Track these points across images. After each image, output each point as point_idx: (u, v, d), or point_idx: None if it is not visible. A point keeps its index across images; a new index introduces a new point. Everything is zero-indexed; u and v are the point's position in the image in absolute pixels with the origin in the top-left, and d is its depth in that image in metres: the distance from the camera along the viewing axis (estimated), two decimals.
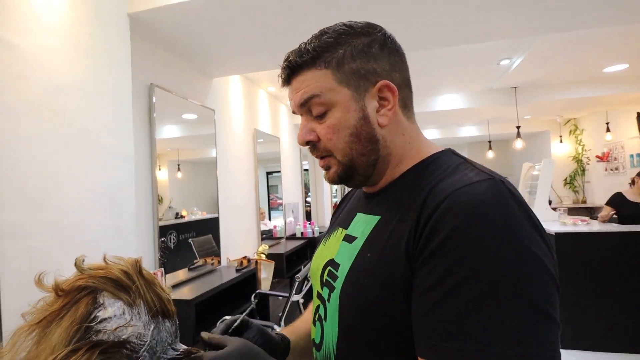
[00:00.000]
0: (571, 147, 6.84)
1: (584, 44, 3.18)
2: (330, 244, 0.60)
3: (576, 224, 3.22)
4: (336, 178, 0.56)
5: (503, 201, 0.42)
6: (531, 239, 0.40)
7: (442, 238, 0.41)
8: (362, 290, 0.48)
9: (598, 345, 2.87)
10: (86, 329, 0.45)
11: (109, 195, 1.51)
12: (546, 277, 0.39)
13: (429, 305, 0.41)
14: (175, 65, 2.42)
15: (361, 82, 0.52)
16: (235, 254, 2.97)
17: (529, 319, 0.37)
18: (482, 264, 0.38)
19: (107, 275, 0.48)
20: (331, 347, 0.53)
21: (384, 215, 0.52)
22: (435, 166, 0.52)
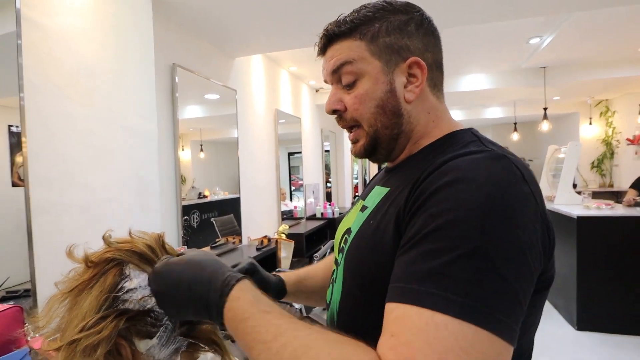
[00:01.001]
0: (601, 129, 6.56)
1: (618, 21, 3.00)
2: (350, 215, 0.63)
3: (600, 208, 3.15)
4: (362, 151, 0.58)
5: (494, 168, 0.42)
6: (519, 206, 0.40)
7: (425, 196, 0.43)
8: (360, 253, 0.52)
9: (618, 328, 2.85)
10: (114, 298, 0.49)
11: (134, 174, 1.57)
12: (522, 248, 0.39)
13: (401, 256, 0.42)
14: (197, 45, 2.45)
15: (392, 57, 0.53)
16: (256, 233, 3.06)
17: (496, 285, 0.37)
18: (451, 218, 0.39)
19: (132, 248, 0.51)
20: (335, 306, 0.56)
21: (392, 187, 0.54)
22: (449, 144, 0.52)
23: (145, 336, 0.50)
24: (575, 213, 2.97)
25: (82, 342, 0.46)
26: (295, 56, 3.57)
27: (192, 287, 0.46)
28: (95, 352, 0.46)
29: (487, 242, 0.38)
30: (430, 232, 0.40)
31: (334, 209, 4.39)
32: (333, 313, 0.57)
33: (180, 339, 0.53)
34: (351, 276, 0.53)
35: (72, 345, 0.46)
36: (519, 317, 0.38)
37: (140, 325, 0.49)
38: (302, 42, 2.66)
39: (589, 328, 2.92)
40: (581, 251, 2.92)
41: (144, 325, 0.50)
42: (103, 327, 0.46)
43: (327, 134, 5.42)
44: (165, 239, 0.56)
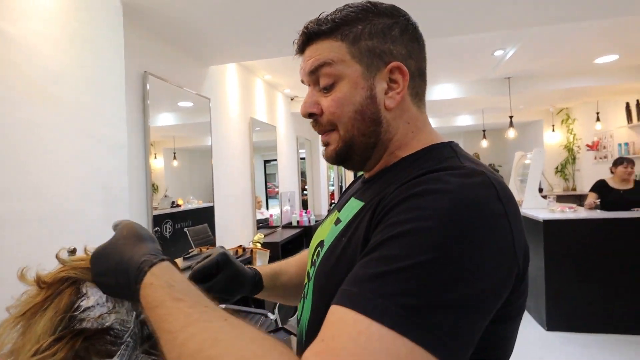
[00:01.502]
0: (563, 136, 6.93)
1: (575, 35, 3.21)
2: (325, 226, 0.60)
3: (564, 211, 3.31)
4: (334, 155, 0.54)
5: (468, 190, 0.39)
6: (488, 226, 0.37)
7: (389, 208, 0.41)
8: (328, 272, 0.48)
9: (582, 327, 2.98)
10: (70, 318, 0.47)
11: (102, 185, 1.52)
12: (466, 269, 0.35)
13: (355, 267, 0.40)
14: (170, 54, 2.41)
15: (374, 61, 0.50)
16: (230, 243, 3.01)
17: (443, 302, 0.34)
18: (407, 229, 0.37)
19: (88, 265, 0.50)
20: (305, 324, 0.53)
21: (367, 201, 0.51)
22: (425, 158, 0.50)
23: (105, 356, 0.48)
24: (542, 216, 3.11)
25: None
26: (270, 65, 3.58)
27: (117, 276, 0.45)
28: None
29: (443, 255, 0.35)
30: (386, 240, 0.38)
31: (310, 217, 4.39)
32: (302, 331, 0.53)
33: (143, 356, 0.51)
34: (319, 295, 0.49)
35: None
36: (468, 344, 0.35)
37: (99, 344, 0.47)
38: (276, 51, 2.67)
39: (558, 328, 3.04)
40: (548, 253, 3.06)
41: (103, 344, 0.48)
42: (57, 349, 0.44)
43: (303, 142, 5.44)
44: None
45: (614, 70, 4.28)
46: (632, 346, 2.72)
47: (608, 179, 3.55)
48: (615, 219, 2.99)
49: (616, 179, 3.47)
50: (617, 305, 2.92)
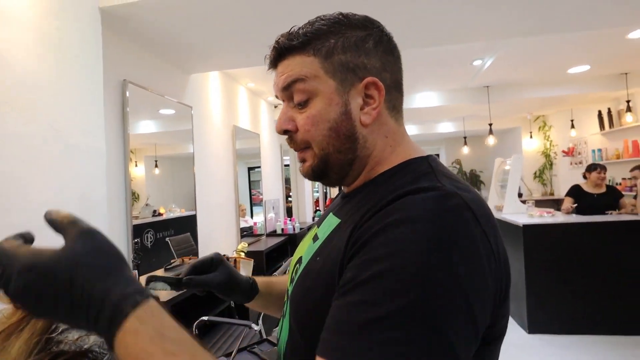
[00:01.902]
0: (540, 142, 7.15)
1: (549, 47, 3.34)
2: (305, 241, 0.59)
3: (542, 216, 3.40)
4: (310, 172, 0.53)
5: (441, 212, 0.38)
6: (463, 257, 0.36)
7: (365, 239, 0.40)
8: (304, 292, 0.48)
9: (562, 329, 3.05)
10: (47, 340, 0.44)
11: (79, 196, 1.48)
12: (452, 303, 0.34)
13: (334, 305, 0.39)
14: (150, 61, 2.38)
15: (348, 76, 0.49)
16: (213, 252, 2.96)
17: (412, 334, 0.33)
18: (382, 268, 0.36)
19: None
20: (283, 346, 0.52)
21: (343, 219, 0.50)
22: (401, 174, 0.49)
23: None
24: (521, 221, 3.18)
25: None
26: (252, 73, 3.58)
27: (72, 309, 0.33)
28: None
29: (424, 296, 0.34)
30: (364, 281, 0.36)
31: (294, 225, 4.37)
32: (281, 351, 0.52)
33: None
34: (294, 316, 0.48)
35: None
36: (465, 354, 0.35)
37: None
38: (258, 60, 2.68)
39: (540, 331, 3.10)
40: (528, 257, 3.13)
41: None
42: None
43: (287, 149, 5.43)
44: None
45: (586, 79, 4.46)
46: (611, 346, 2.79)
47: (582, 184, 3.69)
48: (591, 223, 3.08)
49: (590, 183, 3.61)
50: (596, 306, 3.01)
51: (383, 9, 1.96)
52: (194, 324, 1.93)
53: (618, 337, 2.91)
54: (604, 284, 3.00)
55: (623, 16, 2.25)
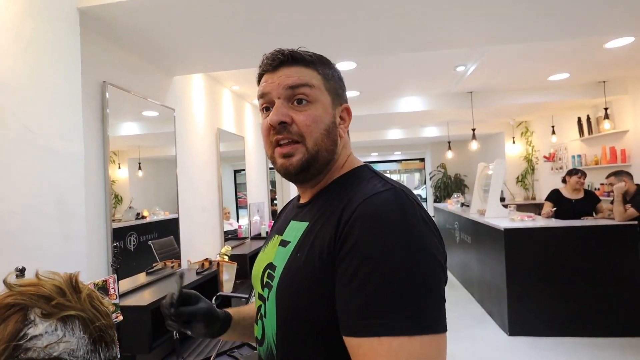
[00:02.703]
0: (522, 147, 7.30)
1: (530, 55, 3.42)
2: (269, 250, 0.67)
3: (523, 220, 3.47)
4: (299, 165, 0.60)
5: (400, 206, 0.52)
6: (422, 234, 0.50)
7: (353, 241, 0.50)
8: (293, 286, 0.55)
9: (543, 331, 3.11)
10: (15, 347, 0.44)
11: (56, 200, 1.44)
12: (434, 265, 0.49)
13: (346, 294, 0.49)
14: (131, 63, 2.34)
15: (336, 99, 0.64)
16: (197, 255, 2.93)
17: (423, 297, 0.47)
18: (382, 260, 0.48)
19: (38, 292, 0.47)
20: (272, 340, 0.59)
21: (311, 221, 0.60)
22: (352, 179, 0.62)
23: None
24: (502, 225, 3.23)
25: None
26: (237, 75, 3.56)
27: None
28: None
29: (414, 272, 0.47)
30: (369, 273, 0.47)
31: None
32: (270, 346, 0.59)
33: None
34: (286, 308, 0.56)
35: None
36: (444, 310, 0.49)
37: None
38: (241, 62, 2.66)
39: (520, 333, 3.15)
40: (509, 260, 3.18)
41: None
42: None
43: None
44: (79, 278, 0.52)
45: (566, 87, 4.58)
46: (590, 348, 2.86)
47: (561, 189, 3.78)
48: (571, 227, 3.16)
49: (569, 188, 3.71)
50: (575, 309, 3.07)
51: (368, 14, 1.98)
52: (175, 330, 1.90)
53: (597, 339, 2.98)
54: (583, 287, 3.07)
55: (601, 26, 2.32)
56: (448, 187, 8.77)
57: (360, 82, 4.01)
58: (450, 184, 8.86)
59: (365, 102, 4.92)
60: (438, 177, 9.13)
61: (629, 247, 3.03)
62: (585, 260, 3.09)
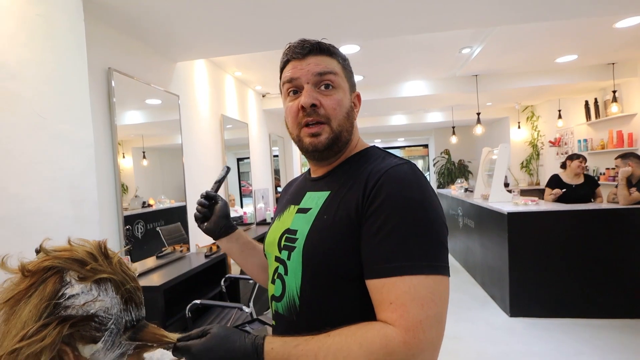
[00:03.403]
0: (528, 132, 7.24)
1: (537, 36, 3.36)
2: (284, 219, 0.76)
3: (527, 204, 3.48)
4: (324, 142, 0.69)
5: (416, 176, 0.63)
6: (434, 198, 0.62)
7: (380, 201, 0.60)
8: (321, 243, 0.65)
9: (543, 312, 3.16)
10: (55, 305, 0.49)
11: (68, 184, 1.48)
12: (442, 221, 0.61)
13: (373, 244, 0.59)
14: (135, 49, 2.35)
15: (351, 85, 0.74)
16: (204, 241, 2.98)
17: (435, 246, 0.58)
18: (405, 215, 0.58)
19: (72, 256, 0.52)
20: (295, 294, 0.67)
21: (333, 190, 0.70)
22: (367, 157, 0.72)
23: (89, 341, 0.50)
24: (506, 209, 3.25)
25: (23, 350, 0.45)
26: (240, 61, 3.55)
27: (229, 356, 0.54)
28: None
29: (428, 225, 0.59)
30: (394, 226, 0.58)
31: None
32: (293, 300, 0.68)
33: (126, 343, 0.53)
34: (314, 262, 0.65)
35: (12, 354, 0.45)
36: (447, 259, 0.60)
37: (84, 330, 0.50)
38: (244, 48, 2.66)
39: (521, 314, 3.20)
40: (512, 244, 3.21)
41: (88, 331, 0.50)
42: (46, 335, 0.46)
43: (275, 139, 5.42)
44: (107, 245, 0.57)
45: (574, 69, 4.51)
46: (589, 328, 2.90)
47: (561, 174, 3.80)
48: (573, 211, 3.17)
49: (570, 172, 3.71)
50: (576, 291, 3.11)
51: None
52: (187, 308, 1.96)
53: (597, 320, 3.03)
54: (584, 269, 3.10)
55: (610, 4, 2.27)
56: (452, 173, 8.76)
57: (364, 66, 3.97)
58: (454, 170, 8.84)
59: (369, 87, 4.89)
60: (442, 164, 9.10)
61: (631, 231, 3.04)
62: (588, 243, 3.11)
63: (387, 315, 0.55)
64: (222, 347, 0.54)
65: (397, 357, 0.52)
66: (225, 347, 0.54)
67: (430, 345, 0.54)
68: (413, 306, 0.54)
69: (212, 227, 0.89)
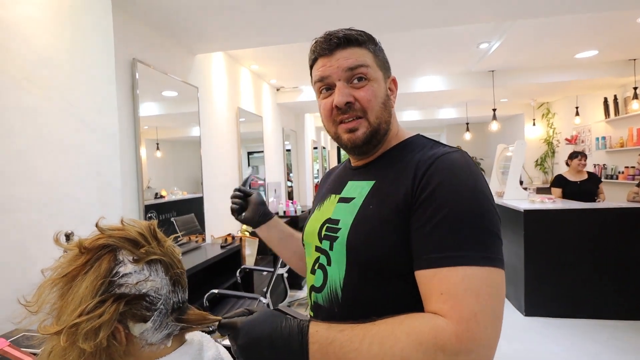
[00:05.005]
0: (543, 130, 7.12)
1: (557, 30, 3.30)
2: (325, 208, 0.74)
3: (543, 202, 3.43)
4: (362, 137, 0.67)
5: (468, 164, 0.60)
6: (485, 187, 0.59)
7: (431, 190, 0.58)
8: (370, 232, 0.62)
9: (559, 312, 3.12)
10: (110, 282, 0.50)
11: (94, 170, 1.51)
12: (494, 210, 0.58)
13: (424, 233, 0.56)
14: (157, 41, 2.37)
15: (385, 72, 0.70)
16: (219, 231, 3.01)
17: (489, 237, 0.55)
18: (458, 204, 0.56)
19: (125, 235, 0.53)
20: (338, 284, 0.65)
21: (378, 179, 0.67)
22: (413, 145, 0.69)
23: (140, 320, 0.52)
24: (522, 207, 3.21)
25: (83, 326, 0.46)
26: (256, 54, 3.55)
27: (273, 342, 0.52)
28: (96, 336, 0.47)
29: (482, 214, 0.56)
30: (446, 215, 0.55)
31: (296, 207, 4.40)
32: (335, 291, 0.66)
33: (172, 324, 0.55)
34: (359, 253, 0.63)
35: (72, 329, 0.47)
36: (502, 251, 0.57)
37: (135, 309, 0.51)
38: (262, 40, 2.66)
39: (536, 313, 3.16)
40: (528, 242, 3.17)
41: (139, 309, 0.51)
42: (103, 311, 0.47)
43: (289, 133, 5.43)
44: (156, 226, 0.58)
45: (594, 65, 4.42)
46: (604, 329, 2.86)
47: (564, 173, 3.91)
48: (592, 210, 3.11)
49: (572, 171, 3.86)
50: (593, 291, 3.06)
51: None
52: (205, 297, 1.98)
53: (614, 322, 2.98)
54: (603, 269, 3.05)
55: None
56: None
57: None
58: None
59: None
60: None
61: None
62: (606, 243, 3.05)
63: (437, 306, 0.52)
64: (268, 324, 0.53)
65: (448, 350, 0.48)
66: (272, 325, 0.53)
67: (486, 340, 0.49)
68: (467, 297, 0.50)
69: (250, 215, 0.91)
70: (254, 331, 0.53)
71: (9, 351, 0.96)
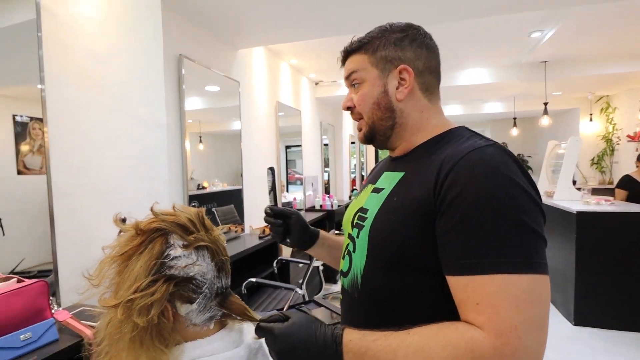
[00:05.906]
0: (601, 125, 6.58)
1: (620, 16, 3.00)
2: (361, 197, 0.77)
3: (599, 204, 3.17)
4: (363, 137, 0.73)
5: (503, 158, 0.55)
6: (525, 182, 0.54)
7: (459, 190, 0.54)
8: (387, 224, 0.63)
9: (611, 323, 2.89)
10: (161, 264, 0.54)
11: (143, 162, 1.60)
12: (534, 207, 0.53)
13: (452, 239, 0.53)
14: (201, 37, 2.45)
15: (387, 66, 0.68)
16: (258, 222, 3.08)
17: (529, 238, 0.50)
18: (490, 205, 0.51)
19: (176, 220, 0.56)
20: (358, 271, 0.67)
21: (408, 171, 0.67)
22: (450, 137, 0.66)
23: (186, 301, 0.55)
24: (575, 208, 2.99)
25: (137, 302, 0.50)
26: (295, 49, 3.57)
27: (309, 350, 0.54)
28: (149, 312, 0.51)
29: (519, 213, 0.51)
30: (478, 217, 0.52)
31: (332, 201, 4.41)
32: (356, 277, 0.68)
33: (215, 308, 0.58)
34: (377, 243, 0.63)
35: (128, 303, 0.50)
36: (545, 254, 0.52)
37: (183, 290, 0.54)
38: (304, 34, 2.66)
39: (586, 323, 2.95)
40: (580, 246, 2.95)
41: (186, 291, 0.55)
42: (156, 290, 0.51)
43: (326, 127, 5.43)
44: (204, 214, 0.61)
45: None
46: None
47: (632, 174, 3.53)
48: None
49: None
50: None
51: None
52: (243, 285, 2.04)
53: None
54: None
55: None
56: None
57: None
58: None
59: None
60: None
61: None
62: None
63: (473, 317, 0.49)
64: (303, 333, 0.55)
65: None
66: (307, 334, 0.54)
67: (529, 354, 0.47)
68: (505, 307, 0.47)
69: (296, 241, 0.92)
70: (290, 339, 0.54)
71: (71, 322, 1.06)
